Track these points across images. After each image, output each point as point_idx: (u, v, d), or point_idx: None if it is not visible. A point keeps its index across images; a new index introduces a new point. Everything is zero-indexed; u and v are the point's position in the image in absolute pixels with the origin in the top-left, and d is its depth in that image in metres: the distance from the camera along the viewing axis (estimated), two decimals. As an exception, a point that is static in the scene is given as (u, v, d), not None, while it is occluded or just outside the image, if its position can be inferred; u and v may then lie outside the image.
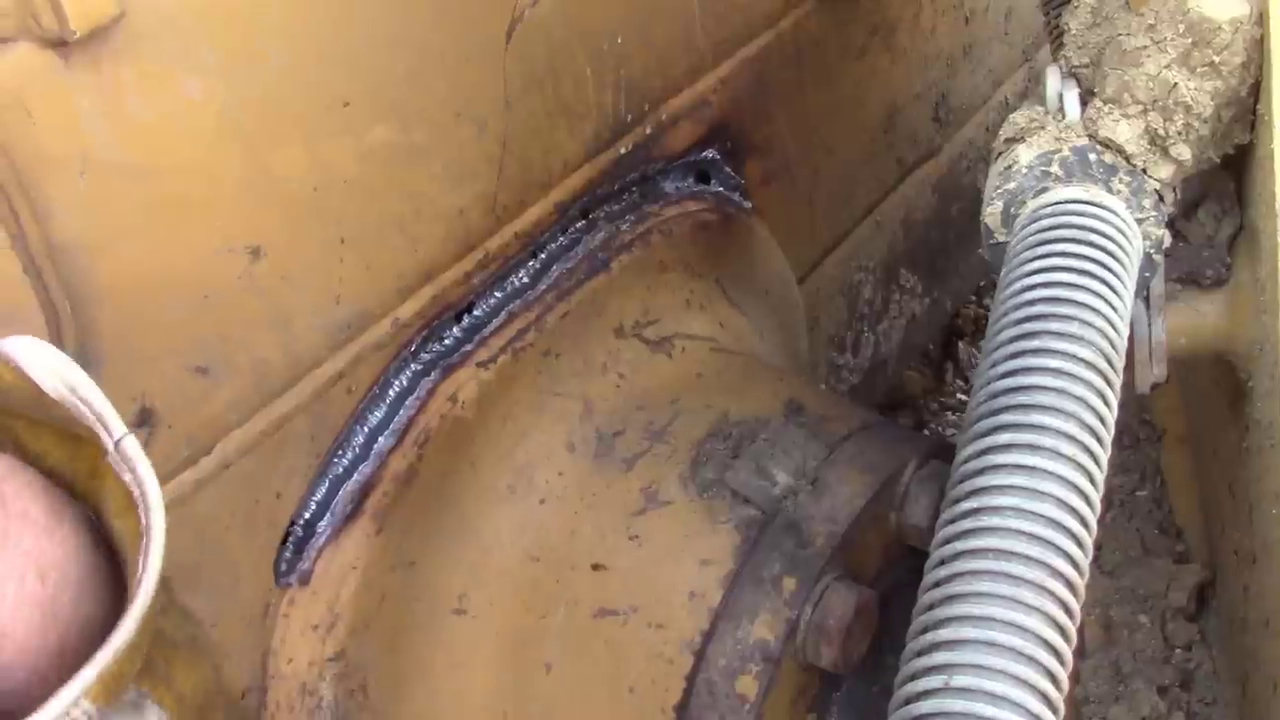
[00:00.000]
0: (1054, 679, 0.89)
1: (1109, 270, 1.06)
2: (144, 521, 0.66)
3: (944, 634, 0.90)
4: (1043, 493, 0.94)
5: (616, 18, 1.29)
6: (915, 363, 2.50)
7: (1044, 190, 1.14)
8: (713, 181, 1.49)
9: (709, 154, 1.47)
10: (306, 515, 1.14)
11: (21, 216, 0.84)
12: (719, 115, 1.47)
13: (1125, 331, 1.06)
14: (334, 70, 1.04)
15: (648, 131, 1.38)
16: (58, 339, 0.88)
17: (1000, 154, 1.20)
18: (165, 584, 0.67)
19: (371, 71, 1.07)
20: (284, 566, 1.13)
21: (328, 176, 1.06)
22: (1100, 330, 1.02)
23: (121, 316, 0.93)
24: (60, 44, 0.84)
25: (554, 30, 1.22)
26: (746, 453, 1.24)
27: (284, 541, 1.13)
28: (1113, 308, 1.05)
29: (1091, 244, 1.08)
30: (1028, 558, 0.91)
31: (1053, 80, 1.21)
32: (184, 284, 0.98)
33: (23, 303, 0.86)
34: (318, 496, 1.14)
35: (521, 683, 1.24)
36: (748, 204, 1.52)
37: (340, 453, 1.15)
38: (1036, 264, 1.07)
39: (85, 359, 0.91)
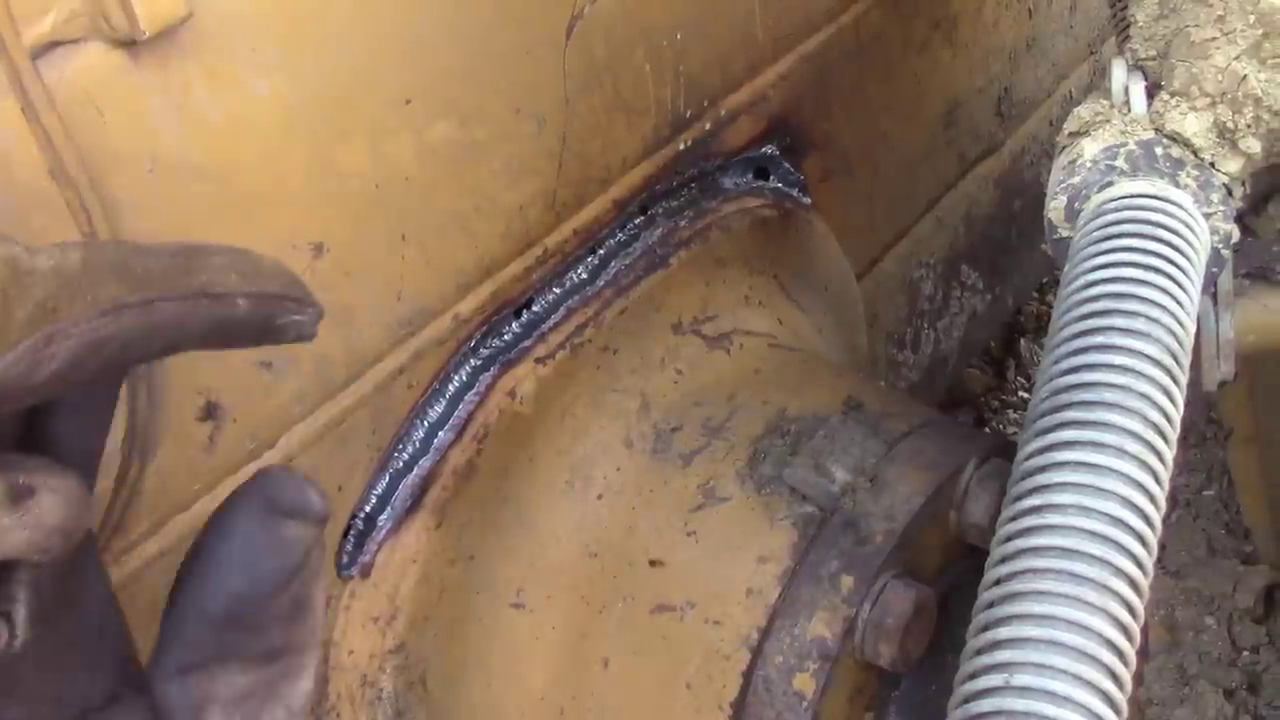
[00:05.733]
0: (1117, 679, 0.87)
1: (1175, 266, 1.05)
2: None
3: (1005, 632, 0.89)
4: (1107, 490, 0.92)
5: (676, 13, 1.29)
6: (976, 360, 2.48)
7: (1109, 184, 1.13)
8: (772, 177, 1.48)
9: (768, 150, 1.47)
10: (367, 509, 1.15)
11: (92, 214, 0.86)
12: (778, 111, 1.46)
13: (1192, 328, 1.04)
14: (396, 68, 1.05)
15: (707, 127, 1.37)
16: (127, 333, 0.90)
17: (1064, 148, 1.18)
18: None
19: (432, 69, 1.08)
20: (345, 559, 1.15)
21: (390, 173, 1.07)
22: (1166, 327, 1.01)
23: (188, 312, 0.95)
24: (129, 44, 0.86)
25: (614, 26, 1.22)
26: (805, 449, 1.24)
27: (345, 534, 1.14)
28: (1179, 304, 1.03)
29: (1157, 239, 1.06)
30: (1091, 556, 0.90)
31: (1119, 73, 1.19)
32: (249, 280, 0.99)
33: (93, 298, 0.87)
34: (378, 490, 1.16)
35: (578, 677, 1.25)
36: (807, 200, 1.52)
37: (400, 447, 1.16)
38: (1101, 259, 1.06)
39: (153, 353, 0.93)
